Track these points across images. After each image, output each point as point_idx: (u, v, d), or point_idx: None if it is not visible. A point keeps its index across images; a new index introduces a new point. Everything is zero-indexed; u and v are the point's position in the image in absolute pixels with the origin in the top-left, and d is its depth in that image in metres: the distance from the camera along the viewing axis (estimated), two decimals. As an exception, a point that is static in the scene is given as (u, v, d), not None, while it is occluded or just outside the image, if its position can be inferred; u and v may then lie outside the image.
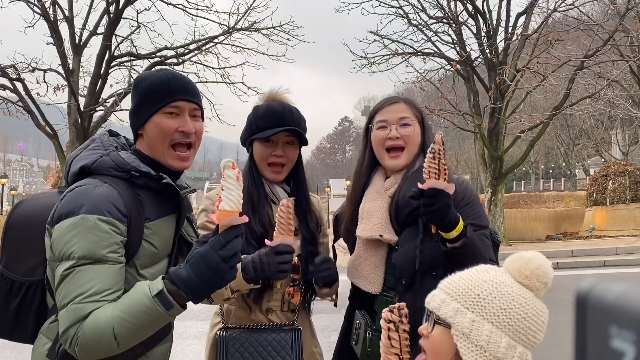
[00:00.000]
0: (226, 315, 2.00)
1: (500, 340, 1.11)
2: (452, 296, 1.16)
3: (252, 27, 13.27)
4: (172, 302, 1.28)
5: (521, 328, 1.12)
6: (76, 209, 1.33)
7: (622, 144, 32.54)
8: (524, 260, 1.17)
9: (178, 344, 1.70)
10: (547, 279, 1.16)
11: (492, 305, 1.13)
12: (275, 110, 1.99)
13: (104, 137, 1.55)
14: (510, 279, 1.17)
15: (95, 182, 1.40)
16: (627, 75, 19.56)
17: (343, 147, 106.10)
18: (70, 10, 12.45)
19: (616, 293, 0.33)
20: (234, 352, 1.88)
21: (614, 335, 0.33)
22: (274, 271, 1.70)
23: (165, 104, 1.47)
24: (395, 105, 1.87)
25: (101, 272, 1.31)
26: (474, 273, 1.19)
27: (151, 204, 1.47)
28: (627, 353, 0.32)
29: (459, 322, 1.13)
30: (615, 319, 0.33)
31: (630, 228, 16.86)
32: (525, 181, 61.50)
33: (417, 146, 1.84)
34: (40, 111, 12.30)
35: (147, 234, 1.45)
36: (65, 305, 1.29)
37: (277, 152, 1.98)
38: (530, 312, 1.13)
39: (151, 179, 1.45)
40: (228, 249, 1.28)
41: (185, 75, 1.57)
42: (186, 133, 1.49)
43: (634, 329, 0.31)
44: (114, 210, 1.35)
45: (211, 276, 1.28)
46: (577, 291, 0.36)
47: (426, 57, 14.73)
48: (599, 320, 0.34)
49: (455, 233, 1.63)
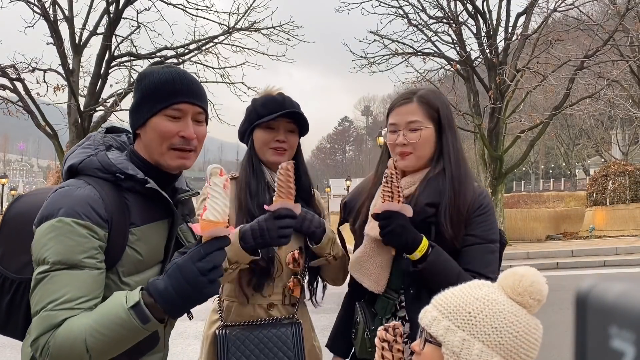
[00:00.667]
0: (225, 312, 1.96)
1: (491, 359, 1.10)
2: (444, 313, 1.16)
3: (252, 27, 13.26)
4: (148, 316, 1.19)
5: (512, 347, 1.11)
6: (55, 211, 1.27)
7: (622, 144, 32.53)
8: (517, 276, 1.16)
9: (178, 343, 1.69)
10: (540, 296, 1.15)
11: (483, 324, 1.11)
12: (275, 98, 2.00)
13: (97, 135, 1.49)
14: (503, 296, 1.16)
15: (78, 183, 1.34)
16: (627, 75, 19.56)
17: (343, 147, 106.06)
18: (70, 10, 12.45)
19: (616, 293, 0.33)
20: (235, 350, 1.85)
21: (614, 335, 0.33)
22: (275, 236, 1.65)
23: (167, 106, 1.38)
24: (406, 105, 1.79)
25: (76, 278, 1.24)
26: (467, 289, 1.19)
27: (138, 209, 1.39)
28: (627, 353, 0.32)
29: (449, 340, 1.12)
30: (615, 319, 0.33)
31: (630, 228, 16.85)
32: (525, 181, 61.50)
33: (429, 149, 1.76)
34: (40, 111, 12.30)
35: (132, 240, 1.37)
36: (37, 312, 1.23)
37: (280, 137, 1.97)
38: (522, 330, 1.12)
39: (137, 182, 1.37)
40: (207, 261, 1.19)
41: (192, 75, 1.48)
42: (187, 139, 1.40)
43: (634, 329, 0.31)
44: (92, 214, 1.28)
45: (188, 290, 1.18)
46: (577, 291, 0.36)
47: (426, 57, 14.73)
48: (599, 320, 0.34)
49: (418, 254, 1.64)
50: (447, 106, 1.83)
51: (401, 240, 1.65)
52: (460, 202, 1.69)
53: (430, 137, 1.76)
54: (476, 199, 1.72)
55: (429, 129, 1.76)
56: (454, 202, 1.69)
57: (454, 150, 1.76)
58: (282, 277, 1.93)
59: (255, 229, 1.68)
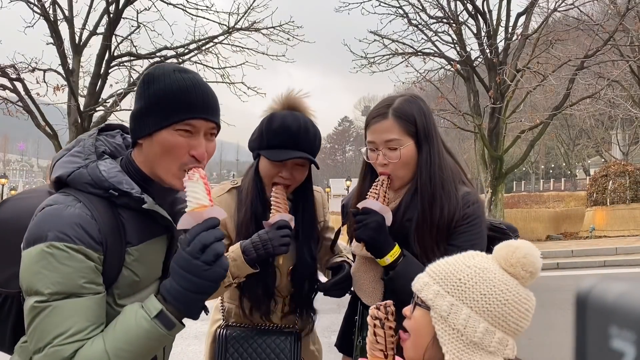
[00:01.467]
0: (227, 314, 1.98)
1: (478, 325, 1.11)
2: (435, 279, 1.17)
3: (252, 27, 13.25)
4: (173, 321, 1.16)
5: (500, 314, 1.12)
6: (43, 234, 1.15)
7: (622, 144, 32.53)
8: (511, 248, 1.17)
9: (178, 343, 1.69)
10: (532, 268, 1.15)
11: (472, 290, 1.13)
12: (290, 128, 1.80)
13: (88, 140, 1.33)
14: (495, 266, 1.17)
15: (67, 200, 1.21)
16: (627, 75, 19.55)
17: (343, 147, 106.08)
18: (70, 10, 12.44)
19: (616, 293, 0.33)
20: (233, 352, 1.87)
21: (614, 335, 0.33)
22: (277, 245, 1.70)
23: (179, 121, 1.23)
24: (382, 123, 1.71)
25: (80, 307, 1.15)
26: (461, 258, 1.20)
27: (135, 226, 1.28)
28: (627, 353, 0.32)
29: (438, 305, 1.14)
30: (615, 319, 0.33)
31: (631, 228, 16.85)
32: (526, 181, 61.47)
33: (411, 166, 1.72)
34: (40, 111, 12.29)
35: (129, 261, 1.26)
36: (41, 349, 1.13)
37: (284, 174, 1.85)
38: (512, 299, 1.13)
39: (133, 200, 1.25)
40: (195, 243, 1.15)
41: (206, 84, 1.31)
42: (197, 158, 1.26)
43: (634, 329, 0.31)
44: (85, 237, 1.17)
45: (190, 277, 1.15)
46: (577, 291, 0.36)
47: (426, 57, 14.72)
48: (599, 320, 0.34)
49: (389, 258, 1.65)
50: (425, 112, 1.74)
51: (373, 238, 1.64)
52: (432, 219, 1.66)
53: (410, 154, 1.70)
54: (459, 210, 1.67)
55: (408, 146, 1.69)
56: (421, 221, 1.67)
57: (429, 164, 1.70)
58: (282, 289, 1.95)
59: (256, 242, 1.71)
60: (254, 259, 1.71)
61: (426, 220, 1.67)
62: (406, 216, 1.71)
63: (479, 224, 1.69)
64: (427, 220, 1.67)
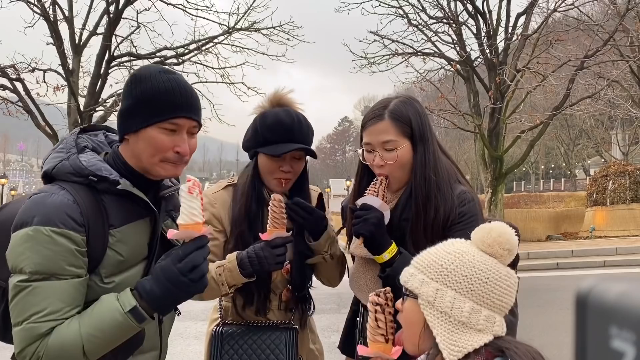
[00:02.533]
0: (224, 312, 2.00)
1: (464, 305, 1.17)
2: (419, 269, 1.24)
3: (252, 27, 13.26)
4: (144, 316, 1.26)
5: (484, 292, 1.18)
6: (29, 219, 1.26)
7: (622, 144, 32.53)
8: (486, 229, 1.24)
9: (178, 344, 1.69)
10: (509, 246, 1.22)
11: (454, 274, 1.19)
12: (284, 122, 1.86)
13: (70, 137, 1.45)
14: (474, 249, 1.23)
15: (52, 189, 1.32)
16: (627, 75, 19.55)
17: (343, 147, 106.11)
18: (70, 11, 12.45)
19: (616, 293, 0.33)
20: (229, 348, 1.89)
21: (614, 336, 0.33)
22: (272, 263, 1.74)
23: (164, 119, 1.34)
24: (378, 124, 1.73)
25: (57, 289, 1.25)
26: (441, 246, 1.27)
27: (117, 209, 1.37)
28: (627, 353, 0.32)
29: (424, 292, 1.20)
30: (615, 319, 0.33)
31: (631, 228, 16.85)
32: (525, 181, 61.51)
33: (407, 167, 1.74)
34: (40, 111, 12.30)
35: (112, 242, 1.36)
36: (20, 322, 1.24)
37: (285, 168, 1.89)
38: (493, 276, 1.19)
39: (111, 183, 1.35)
40: (187, 262, 1.25)
41: (189, 83, 1.43)
42: (181, 155, 1.38)
43: (634, 329, 0.31)
44: (67, 221, 1.27)
45: (172, 290, 1.25)
46: (577, 291, 0.36)
47: (426, 57, 14.72)
48: (599, 321, 0.34)
49: (387, 255, 1.66)
50: (420, 114, 1.76)
51: (371, 233, 1.65)
52: (426, 219, 1.68)
53: (406, 155, 1.72)
54: (455, 208, 1.69)
55: (404, 147, 1.72)
56: (415, 222, 1.70)
57: (424, 165, 1.72)
58: (278, 285, 1.96)
59: (252, 257, 1.75)
60: (249, 273, 1.76)
61: (420, 221, 1.69)
62: (403, 216, 1.73)
63: (474, 222, 1.70)
64: (421, 221, 1.69)
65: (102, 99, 12.69)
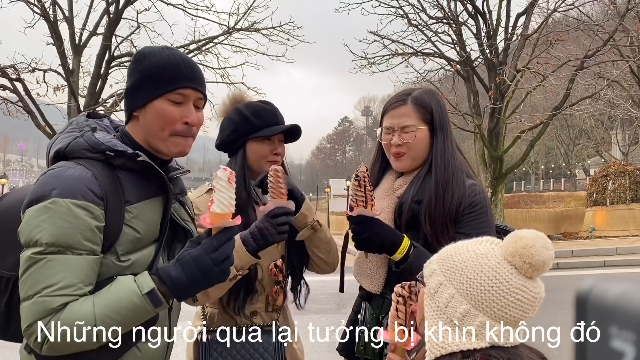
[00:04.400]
0: (209, 320, 1.97)
1: (459, 305, 1.14)
2: (437, 260, 1.22)
3: (252, 27, 13.25)
4: (161, 300, 1.24)
5: (483, 300, 1.13)
6: (47, 192, 1.23)
7: (622, 144, 32.51)
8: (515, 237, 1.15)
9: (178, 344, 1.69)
10: (531, 261, 1.11)
11: (460, 273, 1.16)
12: (267, 108, 2.02)
13: (80, 118, 1.44)
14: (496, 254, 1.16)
15: (68, 164, 1.30)
16: (627, 75, 19.55)
17: (343, 148, 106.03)
18: (70, 11, 12.44)
19: (616, 293, 0.33)
20: (217, 356, 1.87)
21: (614, 336, 0.33)
22: (274, 233, 1.73)
23: (170, 90, 1.36)
24: (401, 108, 1.82)
25: (73, 264, 1.21)
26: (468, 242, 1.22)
27: (132, 186, 1.36)
28: (627, 353, 0.32)
29: (429, 282, 1.19)
30: (615, 319, 0.33)
31: (631, 228, 16.85)
32: (525, 181, 61.48)
33: (423, 149, 1.80)
34: (40, 111, 12.28)
35: (128, 218, 1.33)
36: (30, 296, 1.19)
37: (278, 150, 2.01)
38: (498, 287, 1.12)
39: (128, 158, 1.34)
40: (220, 252, 1.26)
41: (192, 59, 1.47)
42: (190, 125, 1.39)
43: (634, 329, 0.32)
44: (88, 193, 1.25)
45: (201, 279, 1.25)
46: (577, 291, 0.36)
47: (426, 57, 14.71)
48: (599, 321, 0.34)
49: (398, 255, 1.68)
50: (441, 106, 1.85)
51: (376, 247, 1.70)
52: (444, 202, 1.71)
53: (424, 138, 1.80)
54: (466, 197, 1.73)
55: (422, 129, 1.79)
56: (434, 202, 1.72)
57: (443, 151, 1.78)
58: (265, 286, 1.95)
59: (254, 232, 1.74)
60: (254, 249, 1.74)
61: (439, 202, 1.71)
62: (415, 198, 1.76)
63: (485, 212, 1.75)
64: (440, 202, 1.71)
65: (102, 99, 12.68)
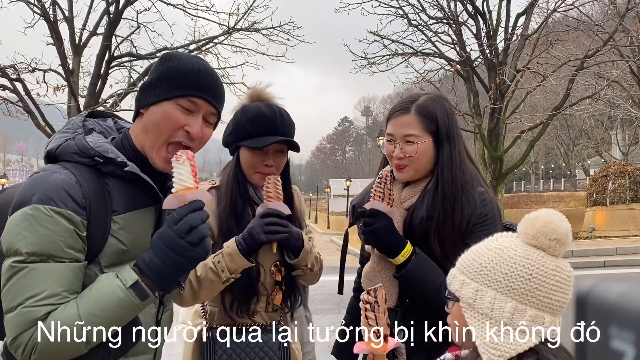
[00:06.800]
0: (210, 317, 1.94)
1: (505, 305, 1.08)
2: (461, 270, 1.17)
3: (252, 28, 13.24)
4: (147, 292, 1.20)
5: (528, 290, 1.09)
6: (28, 198, 1.19)
7: (622, 144, 32.50)
8: (530, 220, 1.14)
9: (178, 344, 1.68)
10: (556, 235, 1.11)
11: (494, 272, 1.11)
12: (266, 115, 1.86)
13: (77, 118, 1.39)
14: (518, 243, 1.14)
15: (55, 168, 1.26)
16: (627, 75, 19.53)
17: (343, 148, 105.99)
18: (70, 11, 12.43)
19: (616, 293, 0.34)
20: (222, 353, 1.84)
21: (614, 336, 0.33)
22: (260, 232, 1.72)
23: (184, 95, 1.31)
24: (403, 117, 1.72)
25: (56, 272, 1.17)
26: (485, 243, 1.18)
27: (121, 195, 1.30)
28: (627, 353, 0.32)
29: (464, 293, 1.13)
30: (615, 319, 0.33)
31: (630, 228, 16.84)
32: (525, 181, 61.44)
33: (426, 161, 1.72)
34: (40, 111, 12.27)
35: (114, 229, 1.28)
36: (14, 308, 1.15)
37: (268, 162, 1.88)
38: (537, 272, 1.10)
39: (117, 166, 1.28)
40: (182, 223, 1.19)
41: (217, 74, 1.42)
42: (191, 136, 1.32)
43: (633, 329, 0.32)
44: (68, 200, 1.20)
45: (172, 256, 1.18)
46: (577, 291, 0.36)
47: (426, 57, 14.71)
48: (599, 321, 0.34)
49: (401, 258, 1.65)
50: (448, 113, 1.75)
51: (383, 242, 1.66)
52: (453, 220, 1.66)
53: (427, 150, 1.71)
54: (477, 209, 1.67)
55: (426, 142, 1.70)
56: (442, 220, 1.66)
57: (450, 163, 1.70)
58: (267, 288, 1.93)
59: (244, 233, 1.75)
60: (245, 249, 1.73)
61: (447, 221, 1.66)
62: (428, 215, 1.69)
63: (495, 223, 1.70)
64: (449, 220, 1.66)
65: (102, 99, 12.67)
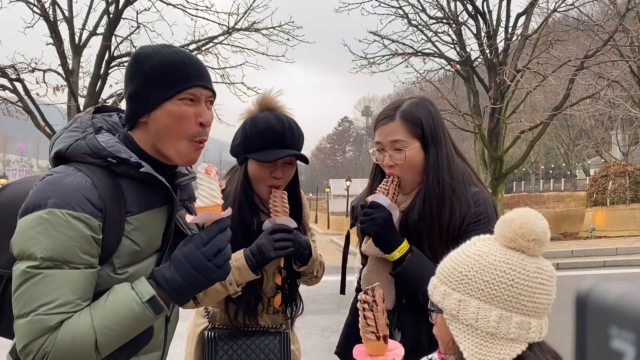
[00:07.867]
0: (212, 317, 1.95)
1: (490, 314, 1.05)
2: (441, 279, 1.13)
3: (251, 28, 13.25)
4: (162, 306, 1.19)
5: (511, 296, 1.05)
6: (43, 201, 1.15)
7: (622, 145, 32.50)
8: (506, 222, 1.10)
9: (178, 344, 1.68)
10: (534, 236, 1.07)
11: (475, 281, 1.07)
12: (275, 128, 1.82)
13: (85, 116, 1.35)
14: (496, 246, 1.10)
15: (68, 170, 1.23)
16: (627, 75, 19.54)
17: (343, 148, 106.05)
18: (70, 11, 12.44)
19: (616, 293, 0.33)
20: (223, 353, 1.85)
21: (614, 336, 0.33)
22: (270, 249, 1.74)
23: (181, 91, 1.27)
24: (389, 125, 1.73)
25: (70, 278, 1.15)
26: (462, 249, 1.15)
27: (134, 195, 1.28)
28: (627, 354, 0.32)
29: (446, 305, 1.09)
30: (615, 319, 0.33)
31: (631, 228, 16.84)
32: (525, 181, 61.48)
33: (417, 166, 1.72)
34: (40, 111, 12.27)
35: (128, 230, 1.26)
36: (26, 314, 1.12)
37: (277, 174, 1.86)
38: (519, 277, 1.06)
39: (131, 166, 1.26)
40: (211, 245, 1.18)
41: (196, 56, 1.38)
42: (204, 126, 1.30)
43: (634, 330, 0.31)
44: (86, 204, 1.17)
45: (197, 276, 1.18)
46: (577, 292, 0.36)
47: (426, 57, 14.72)
48: (599, 321, 0.34)
49: (397, 254, 1.65)
50: (433, 116, 1.75)
51: (379, 232, 1.65)
52: (440, 222, 1.66)
53: (416, 156, 1.71)
54: (470, 209, 1.67)
55: (413, 148, 1.70)
56: (430, 224, 1.68)
57: (437, 166, 1.70)
58: (269, 291, 1.95)
59: (253, 248, 1.76)
60: (254, 265, 1.74)
61: (434, 224, 1.66)
62: (421, 217, 1.71)
63: (490, 222, 1.68)
64: (436, 224, 1.66)
65: (102, 99, 12.67)
